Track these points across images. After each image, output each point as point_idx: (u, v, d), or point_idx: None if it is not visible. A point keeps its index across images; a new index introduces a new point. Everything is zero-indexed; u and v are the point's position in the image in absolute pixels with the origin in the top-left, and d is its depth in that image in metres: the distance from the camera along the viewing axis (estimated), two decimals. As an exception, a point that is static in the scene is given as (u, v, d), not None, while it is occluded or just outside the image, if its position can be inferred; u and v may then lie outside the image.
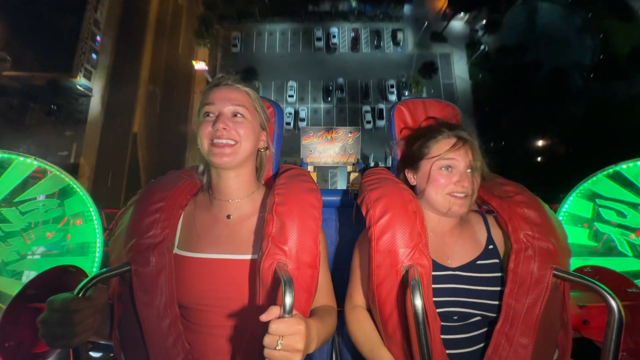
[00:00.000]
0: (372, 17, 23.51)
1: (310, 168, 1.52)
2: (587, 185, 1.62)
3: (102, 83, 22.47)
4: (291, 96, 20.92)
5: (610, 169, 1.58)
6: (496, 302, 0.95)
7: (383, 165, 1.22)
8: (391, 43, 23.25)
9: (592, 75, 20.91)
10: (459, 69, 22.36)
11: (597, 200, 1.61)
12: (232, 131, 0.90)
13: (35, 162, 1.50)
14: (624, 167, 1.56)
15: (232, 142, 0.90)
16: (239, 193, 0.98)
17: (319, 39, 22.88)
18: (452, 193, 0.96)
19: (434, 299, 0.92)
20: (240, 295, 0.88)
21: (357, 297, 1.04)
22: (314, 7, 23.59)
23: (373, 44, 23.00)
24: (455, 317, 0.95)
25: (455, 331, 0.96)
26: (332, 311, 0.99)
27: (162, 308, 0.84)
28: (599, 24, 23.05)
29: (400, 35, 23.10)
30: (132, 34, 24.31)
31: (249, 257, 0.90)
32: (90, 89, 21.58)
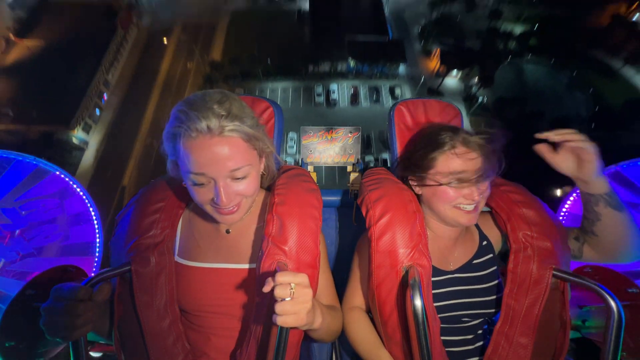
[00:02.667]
0: (370, 76, 25.61)
1: (310, 168, 1.52)
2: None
3: (100, 137, 23.71)
4: (291, 147, 22.22)
5: (610, 169, 1.58)
6: (493, 297, 0.96)
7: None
8: (390, 97, 24.68)
9: (592, 126, 22.41)
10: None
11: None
12: (235, 197, 0.77)
13: (35, 162, 1.50)
14: (624, 167, 1.56)
15: (236, 205, 0.80)
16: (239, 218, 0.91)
17: (319, 95, 24.50)
18: (459, 205, 0.92)
19: (436, 304, 0.92)
20: (241, 301, 0.88)
21: (355, 298, 1.03)
22: (314, 68, 25.29)
23: (372, 98, 24.69)
24: (458, 320, 0.96)
25: (456, 333, 0.96)
26: (336, 309, 0.99)
27: (162, 308, 0.84)
28: (585, 81, 25.78)
29: (398, 91, 24.85)
30: (139, 93, 26.24)
31: (248, 266, 0.90)
32: (86, 142, 22.83)
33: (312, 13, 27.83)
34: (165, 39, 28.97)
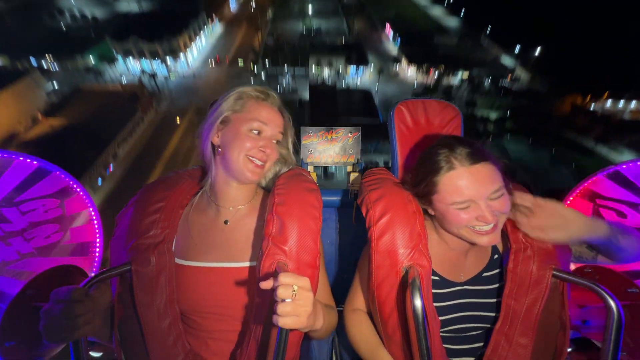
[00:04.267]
0: (365, 152, 28.71)
1: (310, 168, 1.52)
2: (587, 185, 1.62)
3: (97, 203, 25.32)
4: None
5: (610, 169, 1.58)
6: (493, 314, 0.94)
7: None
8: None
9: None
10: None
11: (597, 200, 1.61)
12: (270, 154, 0.93)
13: (35, 162, 1.50)
14: (624, 167, 1.56)
15: (265, 162, 0.93)
16: (241, 200, 0.98)
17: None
18: (474, 227, 0.83)
19: (443, 317, 0.92)
20: (239, 301, 0.88)
21: (357, 300, 1.04)
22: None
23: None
24: (462, 331, 0.96)
25: (458, 342, 0.96)
26: (332, 308, 0.99)
27: (162, 308, 0.84)
28: (565, 157, 29.87)
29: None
30: (144, 166, 28.41)
31: (247, 264, 0.90)
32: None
33: (311, 102, 33.67)
34: (178, 118, 32.48)
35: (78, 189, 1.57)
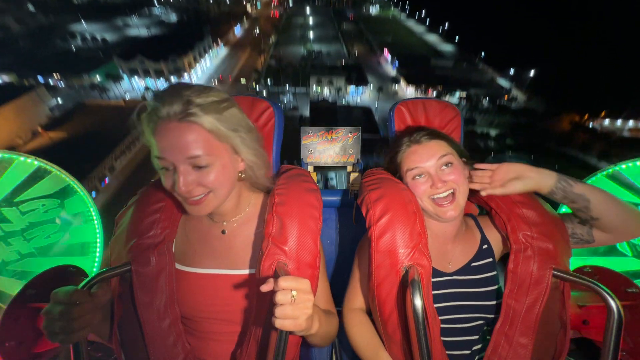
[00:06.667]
0: (365, 167, 31.81)
1: (310, 168, 1.53)
2: (587, 185, 1.62)
3: None
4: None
5: (610, 169, 1.58)
6: (493, 302, 0.96)
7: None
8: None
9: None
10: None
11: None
12: (198, 187, 0.76)
13: (36, 162, 1.50)
14: (623, 167, 1.56)
15: (203, 195, 0.78)
16: (231, 215, 0.92)
17: (318, 182, 29.55)
18: (433, 197, 0.94)
19: (435, 305, 0.92)
20: (240, 307, 0.88)
21: (356, 299, 1.04)
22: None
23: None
24: (456, 322, 0.96)
25: (457, 334, 0.96)
26: (332, 314, 0.98)
27: (162, 308, 0.84)
28: (570, 174, 34.44)
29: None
30: (141, 178, 28.32)
31: (247, 271, 0.89)
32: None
33: (312, 118, 35.21)
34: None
35: (78, 189, 1.57)
